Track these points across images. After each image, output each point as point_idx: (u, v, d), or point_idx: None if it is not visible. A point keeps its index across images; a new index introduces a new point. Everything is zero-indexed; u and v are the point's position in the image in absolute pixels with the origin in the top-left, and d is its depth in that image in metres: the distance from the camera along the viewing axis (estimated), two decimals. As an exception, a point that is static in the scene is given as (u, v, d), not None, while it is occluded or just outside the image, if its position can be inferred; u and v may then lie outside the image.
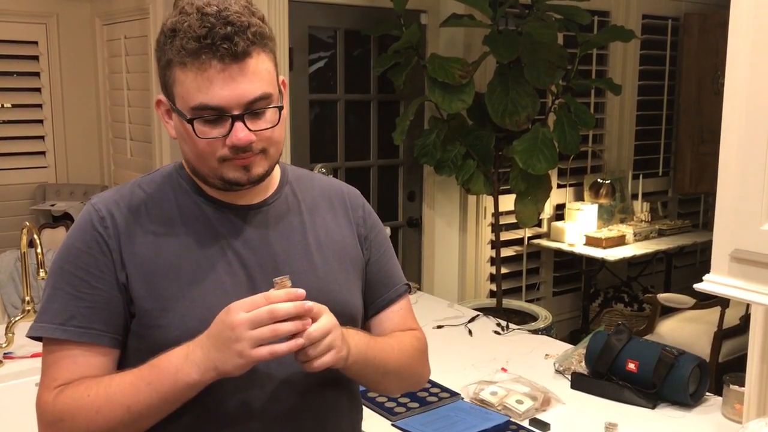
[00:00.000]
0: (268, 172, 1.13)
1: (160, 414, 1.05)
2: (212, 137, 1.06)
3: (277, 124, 1.10)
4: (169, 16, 1.07)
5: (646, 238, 4.29)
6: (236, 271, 1.13)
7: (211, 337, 1.01)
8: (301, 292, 1.02)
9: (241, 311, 0.99)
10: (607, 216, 4.38)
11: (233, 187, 1.12)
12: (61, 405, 1.05)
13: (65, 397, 1.05)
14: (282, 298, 1.00)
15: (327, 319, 1.04)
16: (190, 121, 1.05)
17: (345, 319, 1.19)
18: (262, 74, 1.06)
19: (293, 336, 1.01)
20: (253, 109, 1.06)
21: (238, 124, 1.05)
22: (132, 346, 1.11)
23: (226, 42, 1.02)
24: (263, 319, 0.98)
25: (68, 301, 1.08)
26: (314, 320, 1.03)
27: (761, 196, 1.11)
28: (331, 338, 1.04)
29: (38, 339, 1.12)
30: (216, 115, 1.05)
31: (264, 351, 0.99)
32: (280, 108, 1.11)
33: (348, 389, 1.24)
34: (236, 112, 1.05)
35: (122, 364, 1.12)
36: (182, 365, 1.01)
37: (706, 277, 1.22)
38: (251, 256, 1.15)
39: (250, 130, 1.06)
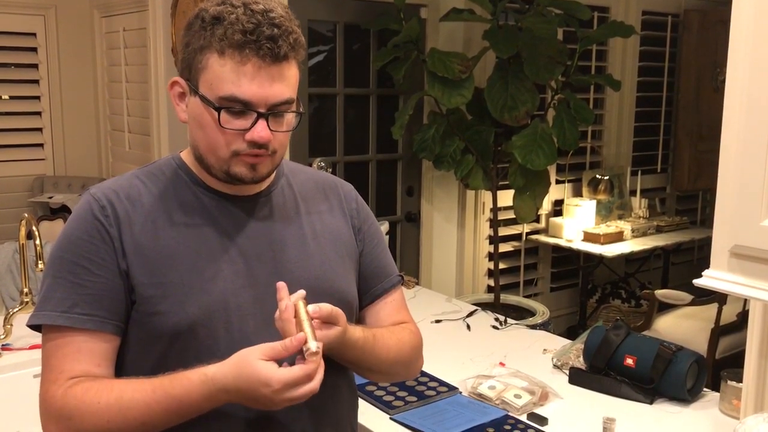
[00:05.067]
0: (271, 172, 1.17)
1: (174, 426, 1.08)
2: (234, 129, 1.09)
3: (293, 129, 1.14)
4: (209, 4, 1.09)
5: (644, 234, 4.30)
6: (234, 260, 1.14)
7: (240, 391, 1.03)
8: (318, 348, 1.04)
9: (277, 373, 1.01)
10: (605, 212, 4.39)
11: (235, 182, 1.15)
12: (71, 405, 1.05)
13: (74, 397, 1.06)
14: (316, 364, 1.03)
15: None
16: (218, 110, 1.08)
17: (342, 306, 1.21)
18: (291, 80, 1.11)
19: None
20: (276, 111, 1.10)
21: (261, 122, 1.09)
22: (132, 333, 1.12)
23: (270, 42, 1.06)
24: (302, 384, 1.02)
25: (70, 289, 1.09)
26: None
27: (761, 192, 1.11)
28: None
29: (37, 329, 1.12)
30: (242, 108, 1.08)
31: (287, 402, 1.03)
32: (300, 114, 1.15)
33: (346, 376, 1.27)
34: (261, 110, 1.08)
35: (123, 352, 1.12)
36: (202, 403, 1.04)
37: (705, 272, 1.22)
38: (249, 246, 1.16)
39: (270, 130, 1.09)
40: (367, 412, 1.75)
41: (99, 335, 1.09)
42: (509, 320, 2.56)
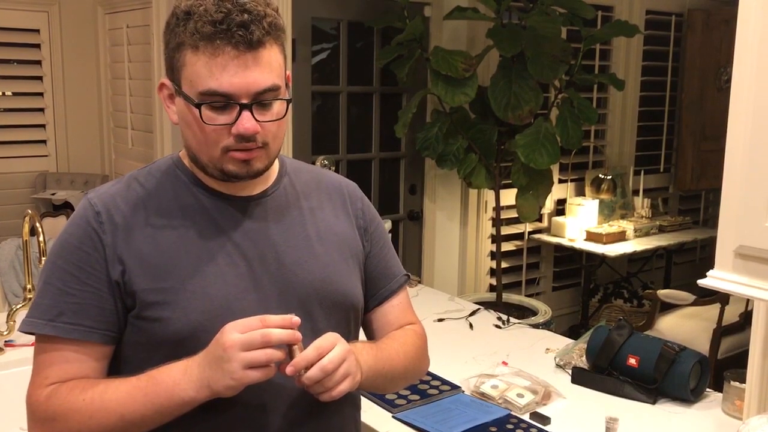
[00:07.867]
0: (267, 167, 1.13)
1: (153, 425, 1.05)
2: (218, 124, 1.05)
3: (282, 118, 1.09)
4: (182, 0, 1.06)
5: (647, 234, 4.30)
6: (237, 263, 1.12)
7: (207, 355, 1.01)
8: (296, 319, 1.02)
9: (235, 332, 0.99)
10: (607, 211, 4.39)
11: (231, 179, 1.11)
12: (55, 405, 1.04)
13: (59, 397, 1.05)
14: (277, 322, 1.00)
15: (340, 348, 1.04)
16: (198, 106, 1.04)
17: (347, 308, 1.20)
18: (273, 66, 1.06)
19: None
20: (261, 100, 1.05)
21: (245, 113, 1.04)
22: (131, 339, 1.10)
23: (242, 29, 1.01)
24: (255, 342, 0.98)
25: (58, 296, 1.07)
26: (328, 351, 1.03)
27: (767, 193, 1.11)
28: (345, 366, 1.04)
29: (31, 333, 1.11)
30: (224, 102, 1.04)
31: (255, 374, 0.99)
32: (288, 101, 1.10)
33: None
34: (244, 101, 1.04)
35: (120, 358, 1.11)
36: (180, 380, 1.01)
37: (710, 273, 1.22)
38: (251, 247, 1.13)
39: (256, 120, 1.05)
40: (369, 411, 1.75)
41: (86, 344, 1.07)
42: (512, 319, 2.56)
